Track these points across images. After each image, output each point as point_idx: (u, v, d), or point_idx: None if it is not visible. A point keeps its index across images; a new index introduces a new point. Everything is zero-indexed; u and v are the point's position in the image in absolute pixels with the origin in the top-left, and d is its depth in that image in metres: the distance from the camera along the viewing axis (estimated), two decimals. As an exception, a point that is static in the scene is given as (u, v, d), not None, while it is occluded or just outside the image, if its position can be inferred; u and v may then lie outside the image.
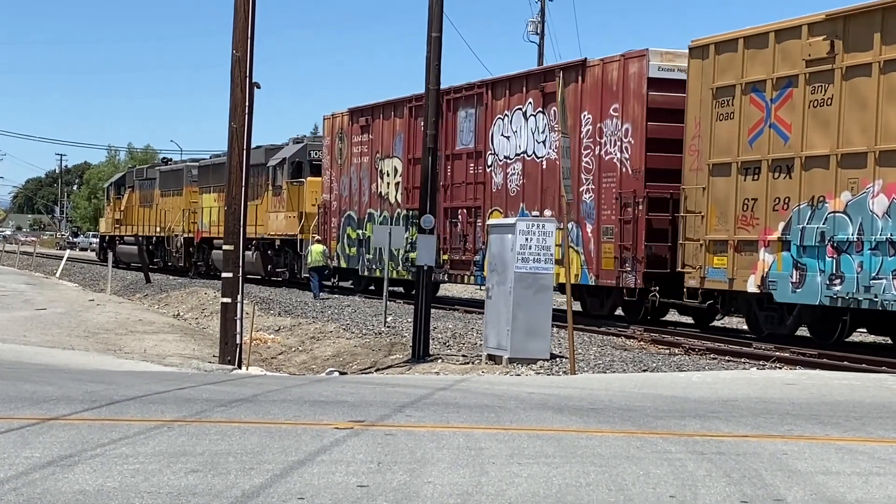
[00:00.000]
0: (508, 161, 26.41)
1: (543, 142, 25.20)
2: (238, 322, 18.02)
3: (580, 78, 24.06)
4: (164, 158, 59.63)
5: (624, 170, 23.00)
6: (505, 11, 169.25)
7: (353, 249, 33.66)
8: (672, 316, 25.48)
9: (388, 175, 31.77)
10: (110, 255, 47.46)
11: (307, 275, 34.61)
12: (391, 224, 29.81)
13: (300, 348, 23.37)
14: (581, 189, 23.83)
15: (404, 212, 30.54)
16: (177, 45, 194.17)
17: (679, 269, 21.56)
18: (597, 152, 23.66)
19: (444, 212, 27.98)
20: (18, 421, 9.02)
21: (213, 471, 7.34)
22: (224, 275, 18.41)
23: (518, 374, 16.16)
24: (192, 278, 44.20)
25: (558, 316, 19.20)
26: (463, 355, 19.16)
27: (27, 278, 44.00)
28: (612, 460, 8.06)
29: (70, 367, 16.15)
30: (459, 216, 28.27)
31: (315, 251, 32.92)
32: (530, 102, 25.75)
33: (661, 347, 19.99)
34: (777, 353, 18.45)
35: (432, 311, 20.42)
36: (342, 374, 18.43)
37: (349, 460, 7.77)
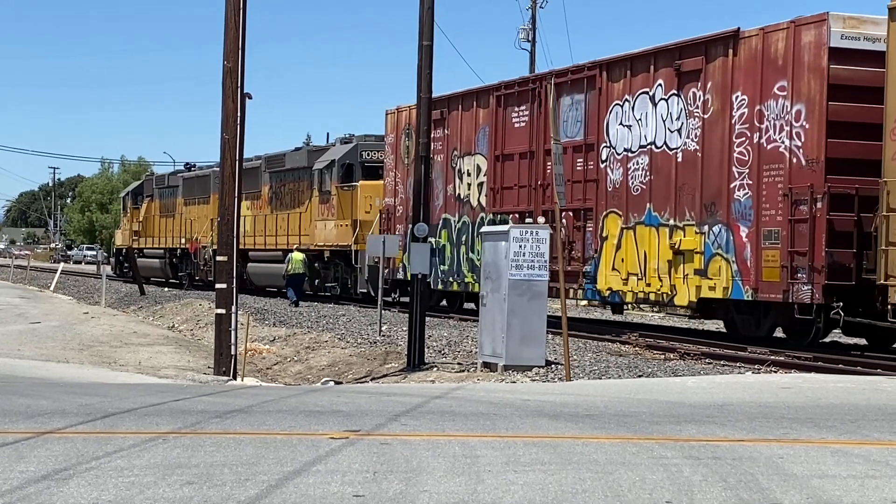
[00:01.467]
0: (630, 154, 22.46)
1: (678, 130, 21.33)
2: (233, 333, 18.00)
3: (730, 52, 20.29)
4: (188, 164, 54.41)
5: (794, 160, 19.14)
6: (495, 19, 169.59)
7: None
8: (835, 336, 22.08)
9: (467, 175, 27.99)
10: (104, 267, 47.44)
11: (285, 281, 35.60)
12: (472, 230, 26.87)
13: (295, 358, 23.34)
14: (732, 185, 20.12)
15: (490, 216, 26.63)
16: (168, 57, 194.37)
17: (879, 282, 17.67)
18: (755, 140, 19.77)
19: (543, 215, 24.01)
20: (13, 435, 9.00)
21: (209, 482, 7.32)
22: (218, 286, 18.38)
23: (513, 382, 16.15)
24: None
25: (553, 322, 19.21)
26: (458, 363, 19.15)
27: (21, 292, 43.94)
28: (608, 466, 8.05)
29: (65, 380, 16.11)
30: (564, 220, 23.44)
31: (295, 259, 34.46)
32: (660, 84, 21.89)
33: (657, 353, 19.99)
34: (772, 357, 18.44)
35: (427, 319, 20.41)
36: (337, 383, 18.41)
37: (345, 470, 7.76)
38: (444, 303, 31.13)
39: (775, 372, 17.09)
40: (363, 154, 34.53)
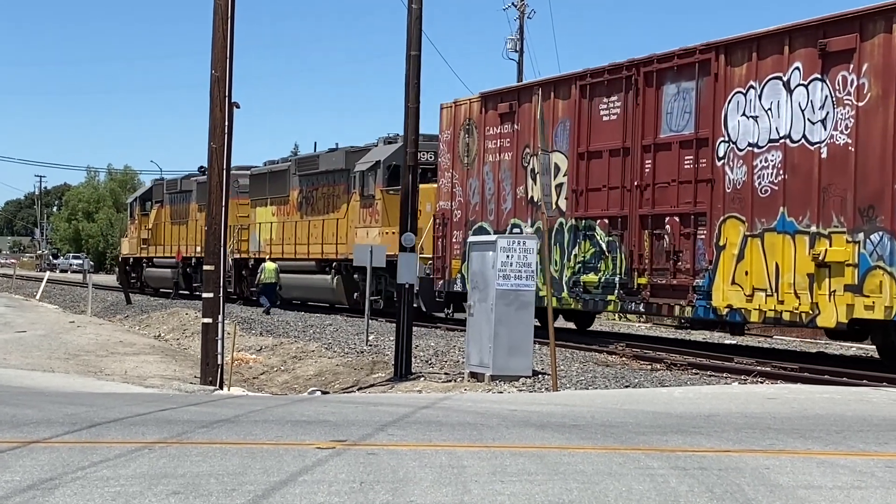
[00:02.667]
0: (756, 150, 19.40)
1: (822, 121, 18.36)
2: (219, 342, 17.97)
3: (891, 29, 17.46)
4: (202, 167, 54.33)
5: None
6: (483, 30, 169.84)
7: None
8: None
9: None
10: (90, 276, 47.27)
11: (255, 288, 35.72)
12: (548, 237, 22.56)
13: (282, 368, 23.31)
14: None
15: (572, 221, 23.62)
16: (156, 66, 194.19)
17: None
18: None
19: (640, 220, 21.77)
20: (-2, 445, 8.97)
21: (195, 492, 7.30)
22: (205, 295, 18.35)
23: (500, 392, 16.16)
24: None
25: (539, 332, 19.21)
26: (445, 373, 19.14)
27: (7, 300, 43.81)
28: (595, 477, 8.06)
29: (50, 389, 16.07)
30: (667, 226, 21.23)
31: (268, 269, 35.33)
32: (797, 67, 18.81)
33: (643, 363, 20.02)
34: (758, 368, 18.49)
35: (414, 328, 20.40)
36: (324, 393, 18.39)
37: (331, 480, 7.75)
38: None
39: (762, 382, 17.14)
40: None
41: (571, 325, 27.86)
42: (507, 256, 17.22)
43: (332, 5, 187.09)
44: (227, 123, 18.03)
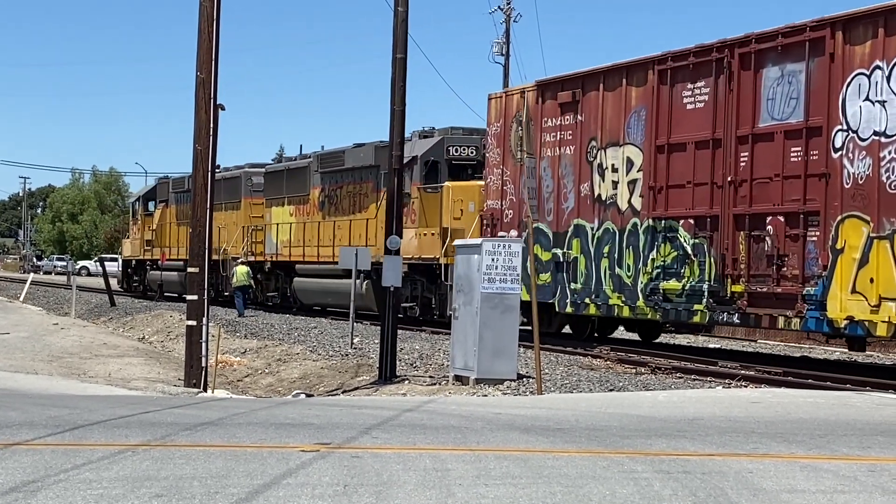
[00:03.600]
0: (884, 140, 17.02)
1: None
2: (203, 345, 17.93)
3: None
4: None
5: None
6: (469, 33, 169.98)
7: (546, 276, 23.53)
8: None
9: (612, 170, 22.09)
10: (74, 279, 46.93)
11: (230, 293, 34.72)
12: (621, 240, 21.64)
13: (266, 370, 23.27)
14: None
15: (648, 222, 21.01)
16: (141, 68, 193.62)
17: None
18: None
19: (734, 220, 19.40)
20: (-20, 447, 8.93)
21: (178, 495, 7.28)
22: (189, 297, 18.31)
23: (485, 395, 16.16)
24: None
25: (525, 335, 19.22)
26: (430, 376, 19.14)
27: (-10, 302, 43.62)
28: (579, 480, 8.06)
29: (33, 391, 16.00)
30: (768, 227, 18.82)
31: (240, 272, 35.24)
32: None
33: (628, 367, 20.03)
34: (742, 372, 18.52)
35: (399, 331, 20.39)
36: (309, 396, 18.37)
37: (315, 483, 7.74)
38: (567, 329, 25.91)
39: (745, 387, 17.17)
40: (450, 150, 28.99)
41: (633, 336, 26.04)
42: (493, 260, 17.22)
43: (318, 8, 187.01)
44: (212, 125, 17.98)
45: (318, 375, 21.37)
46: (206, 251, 18.19)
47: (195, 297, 18.06)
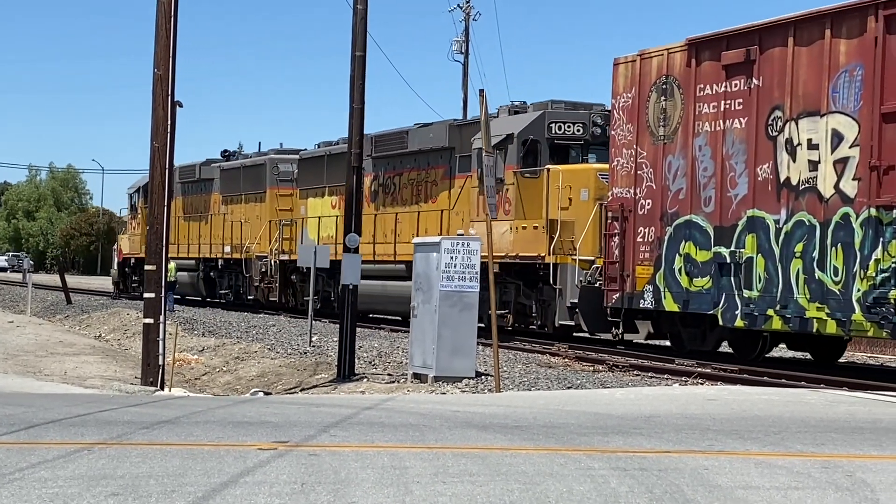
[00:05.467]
0: None
1: None
2: (160, 343, 17.84)
3: None
4: (225, 151, 41.51)
5: None
6: (428, 32, 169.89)
7: (703, 280, 19.22)
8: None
9: (808, 147, 17.75)
10: (29, 276, 46.38)
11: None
12: (823, 235, 17.42)
13: (224, 369, 23.18)
14: None
15: (868, 212, 16.71)
16: (98, 64, 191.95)
17: None
18: None
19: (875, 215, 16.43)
20: (-66, 446, 8.85)
21: (134, 493, 7.26)
22: (146, 295, 18.21)
23: (443, 393, 16.18)
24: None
25: (482, 333, 19.27)
26: (389, 374, 19.14)
27: (-56, 300, 43.18)
28: (536, 477, 8.10)
29: (-12, 390, 15.85)
30: None
31: (171, 269, 34.13)
32: None
33: (586, 364, 20.12)
34: (699, 370, 18.65)
35: (358, 329, 20.37)
36: (267, 394, 18.31)
37: (272, 482, 7.73)
38: (724, 346, 21.39)
39: (702, 384, 17.30)
40: (552, 127, 24.33)
41: (803, 355, 22.23)
42: (451, 258, 17.25)
43: (278, 5, 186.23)
44: (169, 122, 17.90)
45: (276, 374, 21.32)
46: (165, 248, 18.09)
47: (152, 295, 17.96)
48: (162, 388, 17.74)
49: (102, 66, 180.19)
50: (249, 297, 36.10)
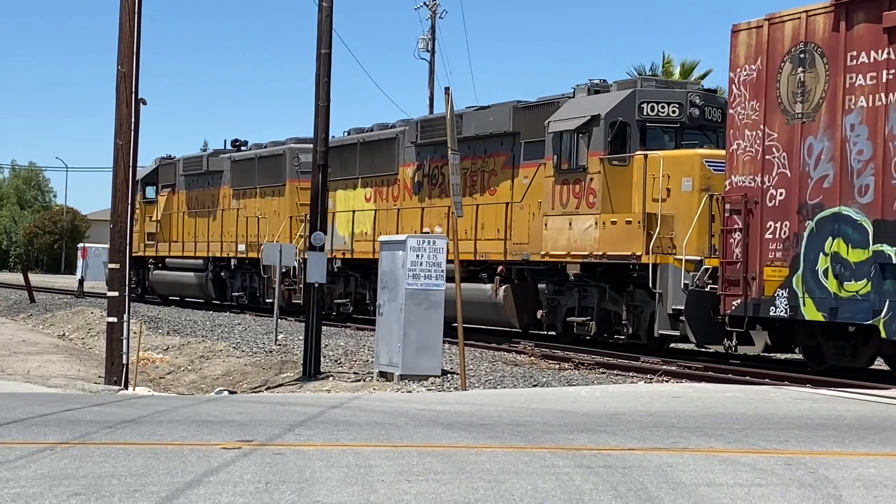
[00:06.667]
0: None
1: None
2: (125, 342, 17.74)
3: None
4: (235, 141, 37.75)
5: None
6: (394, 29, 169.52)
7: (858, 285, 16.28)
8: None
9: None
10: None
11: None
12: None
13: (189, 368, 23.07)
14: None
15: None
16: (61, 61, 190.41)
17: None
18: None
19: None
20: None
21: (97, 493, 7.21)
22: (110, 294, 18.11)
23: (409, 391, 16.18)
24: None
25: (449, 331, 19.26)
26: (354, 373, 19.11)
27: None
28: (501, 475, 8.10)
29: (-51, 389, 15.72)
30: None
31: None
32: None
33: (552, 362, 20.16)
34: (664, 367, 18.74)
35: (324, 328, 20.32)
36: (232, 393, 18.24)
37: (236, 481, 7.70)
38: (880, 362, 18.43)
39: (667, 381, 17.37)
40: (644, 107, 21.50)
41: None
42: (417, 256, 17.24)
43: (243, 3, 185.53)
44: (133, 120, 17.79)
45: (241, 372, 21.23)
46: (128, 247, 17.98)
47: (116, 294, 17.86)
48: (126, 388, 17.64)
49: (65, 63, 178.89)
50: (268, 300, 31.84)
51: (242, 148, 37.12)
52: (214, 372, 21.92)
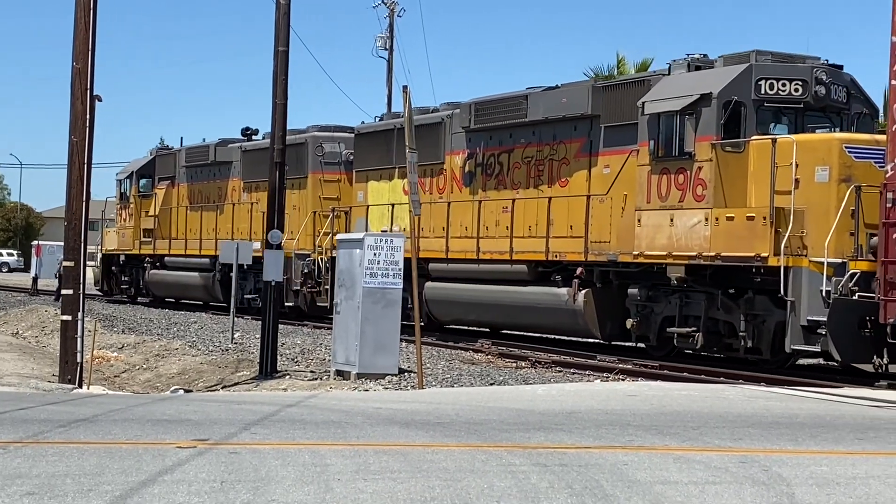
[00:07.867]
0: None
1: None
2: (79, 340, 17.60)
3: None
4: (246, 129, 34.37)
5: None
6: (352, 27, 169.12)
7: None
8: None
9: None
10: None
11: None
12: None
13: (144, 366, 22.91)
14: None
15: None
16: (15, 55, 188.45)
17: None
18: None
19: None
20: None
21: (50, 493, 7.15)
22: (64, 292, 17.97)
23: (366, 390, 16.16)
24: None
25: (406, 329, 19.26)
26: (311, 371, 19.06)
27: None
28: (458, 474, 8.11)
29: None
30: None
31: None
32: None
33: (509, 361, 20.21)
34: (620, 366, 18.83)
35: (280, 326, 20.25)
36: (187, 391, 18.14)
37: (191, 480, 7.66)
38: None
39: (623, 380, 17.45)
40: (761, 85, 18.62)
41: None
42: (375, 255, 17.22)
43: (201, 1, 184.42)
44: (88, 117, 17.65)
45: (197, 371, 21.12)
46: (83, 244, 17.84)
47: (70, 292, 17.71)
48: (80, 386, 17.50)
49: (21, 58, 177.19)
50: (287, 304, 28.70)
51: (254, 137, 33.79)
52: (170, 370, 21.79)
